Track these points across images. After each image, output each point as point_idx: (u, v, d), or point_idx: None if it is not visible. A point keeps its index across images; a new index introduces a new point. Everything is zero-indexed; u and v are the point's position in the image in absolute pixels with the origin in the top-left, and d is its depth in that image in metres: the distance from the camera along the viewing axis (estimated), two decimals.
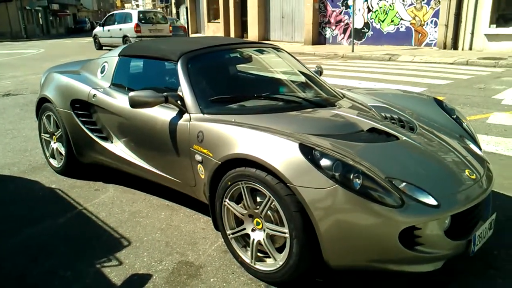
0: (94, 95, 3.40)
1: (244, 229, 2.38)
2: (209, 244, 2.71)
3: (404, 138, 2.52)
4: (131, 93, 2.66)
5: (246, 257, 2.38)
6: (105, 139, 3.43)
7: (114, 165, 3.44)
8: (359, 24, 16.57)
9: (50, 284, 2.33)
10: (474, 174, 2.35)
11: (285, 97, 2.92)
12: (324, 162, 2.04)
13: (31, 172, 4.00)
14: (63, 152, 3.78)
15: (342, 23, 17.50)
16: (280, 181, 2.10)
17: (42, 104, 3.90)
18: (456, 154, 2.53)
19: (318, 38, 18.39)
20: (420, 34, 14.89)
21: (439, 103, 3.22)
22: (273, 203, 2.17)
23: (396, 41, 15.50)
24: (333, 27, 17.89)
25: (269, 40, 20.39)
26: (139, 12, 17.78)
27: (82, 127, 3.50)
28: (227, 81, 3.09)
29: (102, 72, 3.60)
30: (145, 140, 3.06)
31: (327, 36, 18.25)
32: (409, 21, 15.09)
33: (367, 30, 16.56)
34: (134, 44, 3.74)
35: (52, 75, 3.97)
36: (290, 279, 2.22)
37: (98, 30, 19.18)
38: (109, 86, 3.44)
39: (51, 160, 4.00)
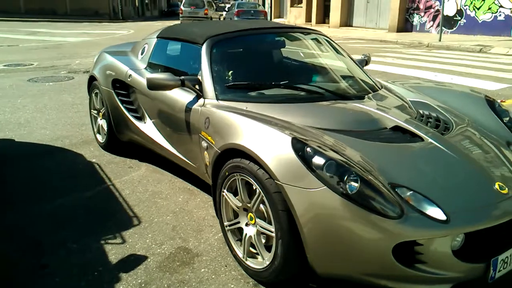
0: (130, 76, 3.48)
1: (239, 222, 2.29)
2: (213, 233, 2.66)
3: (430, 140, 2.22)
4: (148, 75, 2.67)
5: (240, 251, 2.29)
6: (139, 119, 3.51)
7: (145, 144, 3.52)
8: (451, 11, 15.25)
9: (55, 253, 2.45)
10: (507, 189, 2.00)
11: (307, 87, 2.73)
12: (316, 160, 1.86)
13: (80, 146, 4.25)
14: (106, 129, 3.95)
15: (432, 10, 16.23)
16: (270, 176, 1.97)
17: (92, 82, 4.10)
18: (491, 163, 2.18)
19: (405, 25, 17.28)
20: None
21: (490, 103, 2.80)
22: (264, 199, 2.04)
23: (492, 31, 14.02)
24: (422, 14, 16.67)
25: (352, 26, 19.59)
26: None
27: (120, 106, 3.62)
28: (251, 67, 2.97)
29: (142, 53, 3.67)
30: (167, 122, 3.08)
31: (414, 23, 17.07)
32: (510, 8, 13.51)
33: (459, 18, 15.18)
34: (173, 26, 3.75)
35: (102, 54, 4.15)
36: (275, 281, 2.09)
37: None
38: (145, 67, 3.50)
39: (98, 136, 4.21)
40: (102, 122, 4.06)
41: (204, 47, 2.84)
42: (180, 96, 2.85)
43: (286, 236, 1.93)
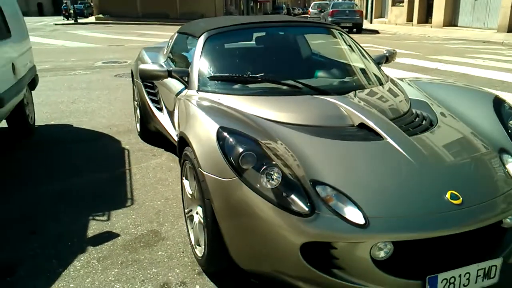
0: None
1: (191, 210, 2.33)
2: None
3: (389, 140, 2.02)
4: (141, 65, 2.83)
5: (193, 239, 2.33)
6: (159, 109, 3.72)
7: (164, 134, 3.72)
8: None
9: (46, 223, 2.74)
10: (461, 199, 1.74)
11: (288, 81, 2.61)
12: (236, 150, 1.82)
13: (123, 134, 4.63)
14: (139, 119, 4.26)
15: None
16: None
17: (132, 75, 4.46)
18: (458, 170, 1.91)
19: None
20: None
21: (497, 103, 2.42)
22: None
23: None
24: None
25: (456, 26, 17.99)
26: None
27: (146, 97, 3.87)
28: (242, 61, 2.95)
29: (166, 47, 3.89)
30: (170, 112, 3.22)
31: None
32: None
33: None
34: (193, 21, 3.89)
35: (141, 51, 4.47)
36: (210, 271, 2.11)
37: None
38: (165, 60, 3.70)
39: (137, 125, 4.55)
40: (138, 112, 4.37)
41: (199, 40, 2.93)
42: (177, 87, 2.98)
43: (210, 227, 1.93)
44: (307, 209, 1.66)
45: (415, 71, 8.23)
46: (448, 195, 1.75)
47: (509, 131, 2.22)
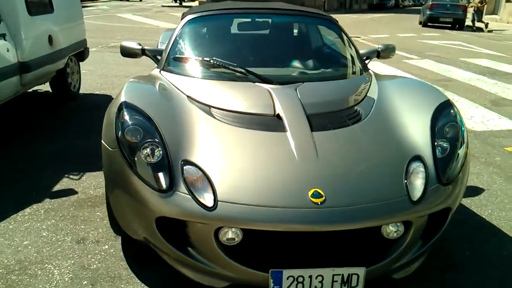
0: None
1: None
2: None
3: (287, 133, 1.98)
4: (122, 42, 3.06)
5: None
6: None
7: None
8: None
9: (32, 175, 3.13)
10: (323, 198, 1.67)
11: (240, 68, 2.57)
12: (125, 123, 1.94)
13: None
14: None
15: None
16: None
17: None
18: (333, 170, 1.81)
19: None
20: None
21: (443, 107, 2.18)
22: None
23: None
24: None
25: None
26: None
27: None
28: (213, 46, 2.98)
29: None
30: None
31: None
32: None
33: None
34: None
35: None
36: (120, 236, 2.28)
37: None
38: None
39: None
40: None
41: (181, 22, 3.06)
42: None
43: (106, 194, 2.09)
44: (165, 186, 1.73)
45: (483, 73, 7.47)
46: (310, 192, 1.69)
47: (437, 138, 2.00)
